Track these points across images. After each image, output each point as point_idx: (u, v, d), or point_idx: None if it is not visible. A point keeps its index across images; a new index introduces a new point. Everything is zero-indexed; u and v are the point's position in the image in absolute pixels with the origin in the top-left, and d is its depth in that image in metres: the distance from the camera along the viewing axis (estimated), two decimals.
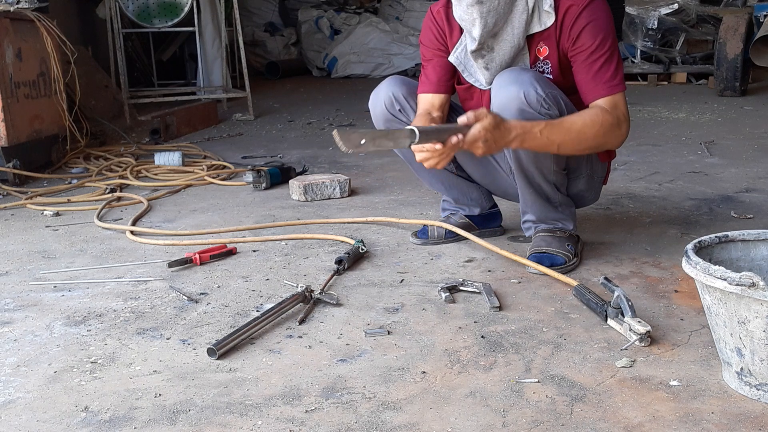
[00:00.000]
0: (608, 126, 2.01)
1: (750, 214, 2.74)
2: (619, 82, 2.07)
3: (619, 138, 2.07)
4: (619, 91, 2.06)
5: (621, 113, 2.05)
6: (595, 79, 2.06)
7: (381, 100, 2.32)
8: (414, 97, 2.31)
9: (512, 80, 2.03)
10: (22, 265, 2.39)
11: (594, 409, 1.43)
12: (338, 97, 7.13)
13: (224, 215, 2.98)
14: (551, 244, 2.22)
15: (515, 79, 2.03)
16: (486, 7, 2.04)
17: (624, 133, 2.07)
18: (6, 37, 3.59)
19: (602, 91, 2.05)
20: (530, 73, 2.04)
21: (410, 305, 1.97)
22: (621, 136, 2.06)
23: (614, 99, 2.05)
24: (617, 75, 2.06)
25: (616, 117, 2.03)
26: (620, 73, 2.07)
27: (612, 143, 2.08)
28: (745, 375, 1.45)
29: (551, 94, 2.03)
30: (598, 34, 2.05)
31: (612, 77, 2.05)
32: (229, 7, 6.59)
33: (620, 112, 2.05)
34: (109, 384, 1.58)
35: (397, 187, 3.39)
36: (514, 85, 2.02)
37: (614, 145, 2.10)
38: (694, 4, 7.16)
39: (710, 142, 4.28)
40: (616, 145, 2.10)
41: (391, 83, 2.33)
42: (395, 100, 2.30)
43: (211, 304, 2.02)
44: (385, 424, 1.39)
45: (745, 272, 1.35)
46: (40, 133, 3.86)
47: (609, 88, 2.05)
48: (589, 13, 2.05)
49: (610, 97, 2.05)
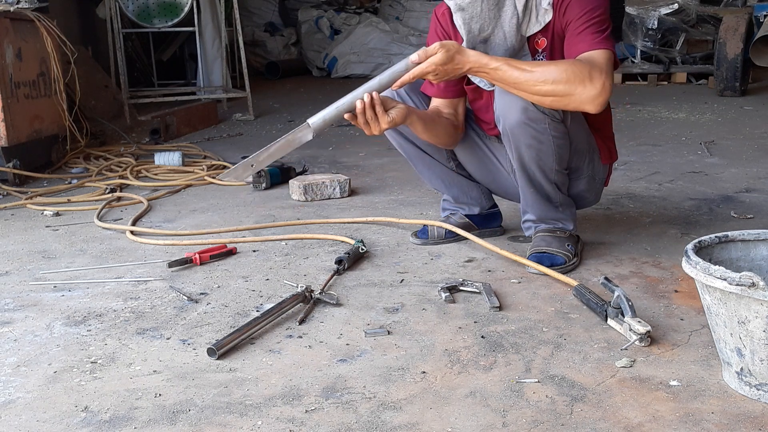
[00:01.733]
0: (576, 73, 1.89)
1: (750, 214, 2.74)
2: (605, 40, 1.99)
3: (590, 91, 1.89)
4: (602, 48, 1.97)
5: (599, 66, 1.92)
6: (578, 39, 2.02)
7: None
8: (416, 92, 2.32)
9: None
10: (22, 265, 2.39)
11: (594, 409, 1.43)
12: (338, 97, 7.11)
13: (224, 215, 2.98)
14: (551, 244, 2.22)
15: None
16: (468, 13, 2.04)
17: (597, 88, 1.88)
18: (6, 37, 3.59)
19: (584, 47, 1.99)
20: None
21: (410, 305, 1.97)
22: (593, 90, 1.88)
23: (594, 53, 1.97)
24: (602, 35, 2.00)
25: (589, 67, 1.91)
26: (606, 34, 2.00)
27: (580, 95, 1.89)
28: (745, 375, 1.45)
29: None
30: (586, 6, 2.02)
31: (595, 37, 1.99)
32: (229, 7, 6.59)
33: (598, 64, 1.92)
34: (109, 384, 1.58)
35: (397, 187, 3.39)
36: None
37: (583, 99, 1.90)
38: (694, 4, 7.16)
39: (710, 142, 4.28)
40: (586, 100, 1.90)
41: None
42: (397, 95, 2.30)
43: (211, 304, 2.02)
44: (385, 424, 1.39)
45: (745, 272, 1.35)
46: (40, 133, 3.87)
47: (592, 43, 1.99)
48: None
49: (591, 51, 1.98)
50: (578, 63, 1.93)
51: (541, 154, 2.11)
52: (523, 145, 2.10)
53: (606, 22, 2.04)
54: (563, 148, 2.12)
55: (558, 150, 2.11)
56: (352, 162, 4.05)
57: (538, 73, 1.92)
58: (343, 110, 1.96)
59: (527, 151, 2.11)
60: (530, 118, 2.04)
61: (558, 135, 2.09)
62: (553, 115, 2.04)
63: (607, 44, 2.00)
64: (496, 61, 1.94)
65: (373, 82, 1.98)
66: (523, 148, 2.11)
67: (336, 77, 9.29)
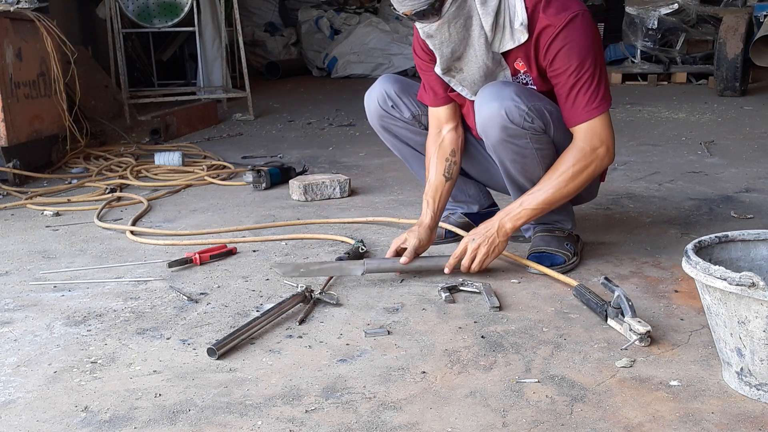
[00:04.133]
0: (586, 164, 2.01)
1: (750, 214, 2.74)
2: (598, 105, 1.99)
3: (602, 164, 2.05)
4: (597, 115, 2.00)
5: (597, 140, 2.00)
6: (573, 104, 2.00)
7: (374, 98, 2.35)
8: (406, 94, 2.32)
9: (494, 96, 2.02)
10: (22, 265, 2.39)
11: (594, 409, 1.43)
12: (338, 97, 7.13)
13: (224, 215, 2.98)
14: (550, 243, 2.22)
15: (497, 94, 2.02)
16: (437, 39, 2.01)
17: (605, 157, 2.03)
18: (6, 37, 3.59)
19: (580, 117, 2.00)
20: (512, 87, 2.02)
21: (410, 305, 1.97)
22: (603, 161, 2.04)
23: (592, 125, 2.00)
24: (596, 97, 1.99)
25: (592, 149, 2.00)
26: (600, 93, 1.99)
27: (599, 171, 2.06)
28: (745, 375, 1.45)
29: (534, 106, 2.01)
30: (575, 58, 1.96)
31: (590, 101, 1.99)
32: (229, 7, 6.59)
33: (597, 139, 2.00)
34: (109, 384, 1.58)
35: (397, 187, 3.39)
36: (496, 101, 2.01)
37: (603, 168, 2.08)
38: (694, 4, 7.16)
39: (710, 142, 4.28)
40: (605, 167, 2.09)
41: (383, 81, 2.35)
42: (388, 97, 2.32)
43: (211, 304, 2.02)
44: (385, 424, 1.39)
45: (745, 272, 1.35)
46: (40, 133, 3.86)
47: (587, 113, 2.00)
48: (565, 35, 1.96)
49: (588, 123, 2.00)
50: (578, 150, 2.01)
51: (526, 166, 2.11)
52: (507, 160, 2.12)
53: (596, 74, 1.99)
54: (549, 156, 2.10)
55: (543, 159, 2.10)
56: (352, 162, 4.05)
57: (555, 180, 2.03)
58: (397, 269, 2.16)
59: (512, 165, 2.12)
60: (510, 135, 2.03)
61: (542, 146, 2.08)
62: (534, 128, 2.02)
63: (600, 108, 2.00)
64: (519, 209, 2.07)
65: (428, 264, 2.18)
66: (507, 162, 2.12)
67: (336, 77, 9.29)
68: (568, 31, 1.96)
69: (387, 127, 2.37)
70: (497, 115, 2.01)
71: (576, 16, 1.96)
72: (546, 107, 2.04)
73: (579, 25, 1.97)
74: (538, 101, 2.03)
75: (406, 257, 2.13)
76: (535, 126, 2.02)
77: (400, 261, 2.13)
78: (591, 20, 2.01)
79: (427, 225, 2.23)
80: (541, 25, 1.98)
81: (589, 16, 2.00)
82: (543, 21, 1.97)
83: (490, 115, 2.03)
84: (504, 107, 1.99)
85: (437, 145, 2.27)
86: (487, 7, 1.97)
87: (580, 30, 1.97)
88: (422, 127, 2.35)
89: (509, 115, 1.99)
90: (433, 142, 2.28)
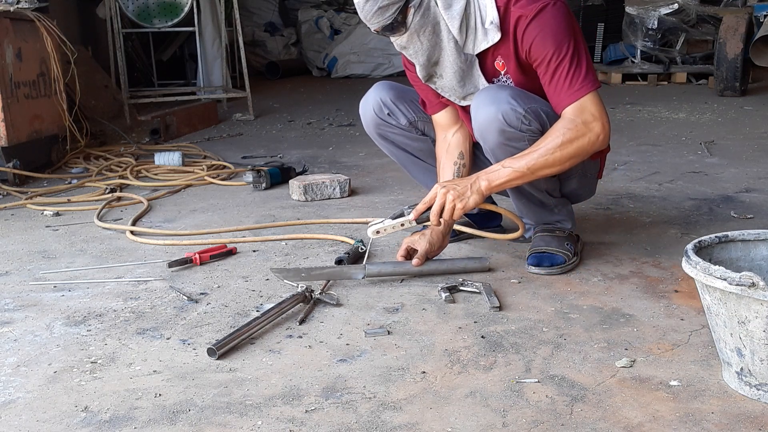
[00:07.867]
0: (575, 137, 1.93)
1: (750, 214, 2.74)
2: (582, 85, 1.96)
3: (596, 140, 1.96)
4: (583, 95, 1.96)
5: (589, 115, 1.95)
6: (556, 89, 1.98)
7: (370, 106, 2.33)
8: (402, 100, 2.32)
9: (490, 100, 2.01)
10: (22, 265, 2.39)
11: (594, 409, 1.43)
12: (338, 97, 7.13)
13: (224, 215, 2.98)
14: (550, 243, 2.22)
15: (493, 98, 2.01)
16: (411, 50, 2.02)
17: (599, 133, 1.95)
18: (6, 37, 3.59)
19: (566, 99, 1.97)
20: (508, 91, 2.01)
21: (410, 305, 1.97)
22: (597, 137, 1.95)
23: (580, 104, 1.96)
24: (579, 78, 1.94)
25: (582, 123, 1.94)
26: (582, 74, 1.95)
27: (591, 148, 1.97)
28: (745, 375, 1.45)
29: (531, 109, 2.01)
30: (550, 44, 1.94)
31: (572, 83, 1.95)
32: (229, 7, 6.59)
33: (588, 114, 1.95)
34: (109, 384, 1.58)
35: (397, 187, 3.39)
36: (492, 105, 2.01)
37: (596, 147, 1.99)
38: (694, 4, 7.16)
39: (710, 142, 4.28)
40: (598, 146, 1.99)
41: (378, 89, 2.34)
42: (384, 105, 2.31)
43: (211, 304, 2.02)
44: (385, 424, 1.39)
45: (745, 272, 1.35)
46: (40, 133, 3.86)
47: (571, 94, 1.96)
48: (538, 23, 1.94)
49: (575, 103, 1.96)
50: (568, 121, 1.95)
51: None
52: None
53: (575, 57, 1.95)
54: None
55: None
56: (352, 162, 4.05)
57: (542, 149, 1.95)
58: (399, 272, 2.17)
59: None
60: (509, 138, 2.02)
61: None
62: (531, 131, 2.01)
63: (585, 89, 1.96)
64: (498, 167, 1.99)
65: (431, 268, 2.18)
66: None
67: (336, 77, 9.28)
68: (540, 19, 1.95)
69: (384, 134, 2.37)
70: (495, 119, 2.00)
71: (547, 4, 1.96)
72: (542, 109, 2.04)
73: (551, 12, 1.96)
74: (534, 103, 2.03)
75: (417, 259, 2.14)
76: (533, 128, 2.01)
77: (412, 263, 2.14)
78: (565, 7, 2.00)
79: (440, 230, 2.21)
80: (514, 18, 1.98)
81: (561, 3, 1.99)
82: (515, 13, 1.98)
83: (487, 120, 2.02)
84: (501, 111, 1.99)
85: (444, 150, 2.27)
86: (451, 11, 1.98)
87: (552, 16, 1.96)
88: (419, 133, 2.35)
89: (506, 119, 1.99)
90: (440, 147, 2.28)
